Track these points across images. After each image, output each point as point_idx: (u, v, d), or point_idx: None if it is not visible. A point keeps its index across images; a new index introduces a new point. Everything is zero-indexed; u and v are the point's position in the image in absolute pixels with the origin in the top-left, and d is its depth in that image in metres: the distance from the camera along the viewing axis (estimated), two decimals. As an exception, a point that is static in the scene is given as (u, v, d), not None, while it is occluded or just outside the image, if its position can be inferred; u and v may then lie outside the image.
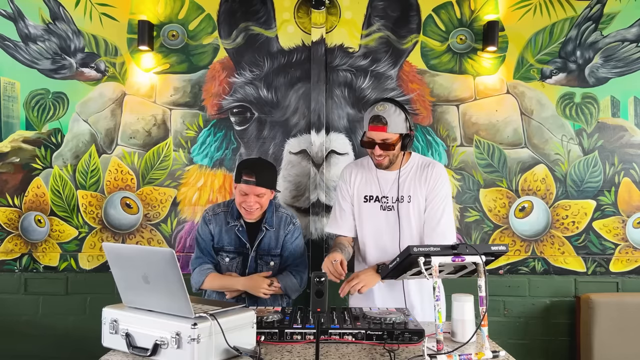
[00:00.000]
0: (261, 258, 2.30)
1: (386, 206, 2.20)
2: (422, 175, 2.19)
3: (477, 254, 1.57)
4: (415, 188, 2.18)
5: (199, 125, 3.00)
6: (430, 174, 2.18)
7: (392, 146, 2.08)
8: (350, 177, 2.27)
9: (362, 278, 2.02)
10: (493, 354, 1.53)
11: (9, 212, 3.02)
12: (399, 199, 2.18)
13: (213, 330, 1.49)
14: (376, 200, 2.22)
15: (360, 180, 2.26)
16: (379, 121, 2.04)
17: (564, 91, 3.00)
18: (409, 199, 2.18)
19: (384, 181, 2.21)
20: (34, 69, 3.01)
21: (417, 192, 2.18)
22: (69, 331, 2.98)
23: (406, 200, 2.18)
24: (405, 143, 2.11)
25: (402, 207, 2.18)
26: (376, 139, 2.07)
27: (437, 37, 3.00)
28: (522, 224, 3.01)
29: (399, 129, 2.07)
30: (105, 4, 2.99)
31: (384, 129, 2.04)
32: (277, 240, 2.31)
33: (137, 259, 1.57)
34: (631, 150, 3.00)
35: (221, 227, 2.31)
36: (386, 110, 2.05)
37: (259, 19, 2.99)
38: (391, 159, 2.13)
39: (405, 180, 2.19)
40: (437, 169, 2.20)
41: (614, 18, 2.98)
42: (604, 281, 2.99)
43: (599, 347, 2.80)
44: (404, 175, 2.19)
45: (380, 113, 2.05)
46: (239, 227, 2.29)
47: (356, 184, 2.26)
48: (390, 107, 2.06)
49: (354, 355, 1.62)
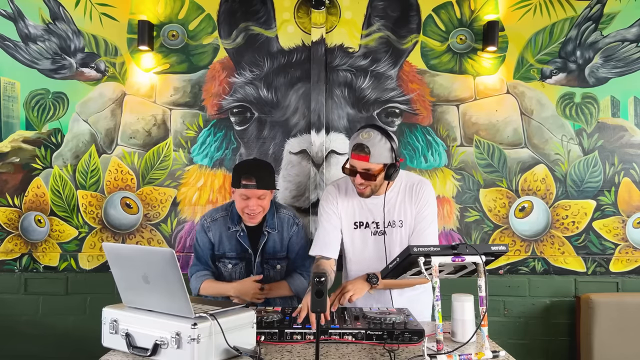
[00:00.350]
0: (267, 262, 2.28)
1: (376, 231, 2.14)
2: (411, 197, 2.13)
3: (477, 254, 1.57)
4: (406, 211, 2.13)
5: (199, 125, 3.00)
6: (419, 196, 2.12)
7: (373, 177, 1.99)
8: (337, 200, 2.17)
9: (351, 287, 1.96)
10: (493, 354, 1.53)
11: (9, 212, 3.02)
12: (390, 224, 2.13)
13: (213, 330, 1.49)
14: (366, 227, 2.15)
15: (347, 205, 2.16)
16: (362, 150, 1.96)
17: (564, 91, 3.00)
18: (400, 224, 2.13)
19: (372, 206, 2.13)
20: (34, 69, 3.01)
21: (407, 215, 2.13)
22: (69, 331, 2.98)
23: (397, 225, 2.13)
24: (390, 174, 2.01)
25: (394, 232, 2.13)
26: (358, 168, 1.99)
27: (437, 37, 3.00)
28: (522, 224, 3.01)
29: (382, 158, 1.98)
30: (105, 4, 2.99)
31: (366, 159, 1.96)
32: (282, 243, 2.29)
33: (137, 259, 1.57)
34: (631, 150, 3.00)
35: (221, 233, 2.27)
36: (371, 139, 1.96)
37: (259, 19, 2.99)
38: (373, 188, 2.05)
39: (394, 205, 2.13)
40: (425, 191, 2.14)
41: (614, 18, 2.98)
42: (604, 281, 2.99)
43: (599, 347, 2.80)
44: (392, 200, 2.13)
45: (364, 141, 1.96)
46: (240, 232, 2.25)
47: (343, 209, 2.17)
48: (375, 136, 1.97)
49: (354, 355, 1.62)
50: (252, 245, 2.26)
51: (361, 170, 1.99)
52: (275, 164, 2.90)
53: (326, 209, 2.18)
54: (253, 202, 2.14)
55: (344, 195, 2.18)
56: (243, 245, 2.25)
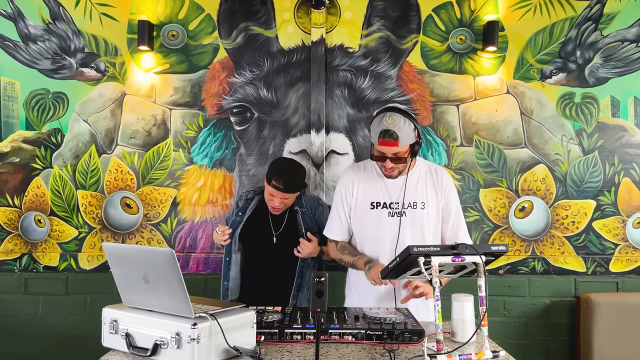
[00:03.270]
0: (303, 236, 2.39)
1: (395, 212, 2.14)
2: (434, 181, 2.16)
3: (477, 254, 1.57)
4: (429, 194, 2.14)
5: (199, 125, 3.00)
6: (442, 181, 2.16)
7: (403, 159, 2.03)
8: (353, 184, 2.19)
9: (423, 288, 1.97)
10: (493, 354, 1.53)
11: (9, 212, 3.02)
12: (411, 205, 2.13)
13: (213, 330, 1.49)
14: (384, 207, 2.15)
15: (365, 187, 2.18)
16: (390, 136, 1.97)
17: (564, 91, 3.00)
18: (422, 206, 2.13)
19: (392, 187, 2.14)
20: (34, 69, 3.01)
21: (431, 199, 2.14)
22: (69, 331, 2.98)
23: (419, 207, 2.13)
24: (415, 150, 2.06)
25: (416, 214, 2.13)
26: (387, 154, 2.01)
27: (437, 37, 3.00)
28: (522, 224, 3.01)
29: (409, 140, 2.01)
30: (105, 4, 2.99)
31: (395, 144, 1.97)
32: (312, 220, 2.46)
33: (137, 259, 1.57)
34: (631, 150, 3.00)
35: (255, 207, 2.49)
36: (396, 124, 1.97)
37: (259, 19, 2.99)
38: (401, 169, 2.09)
39: (416, 187, 2.14)
40: (446, 175, 2.19)
41: (614, 18, 2.98)
42: (604, 281, 2.99)
43: (599, 347, 2.80)
44: (414, 181, 2.15)
45: (390, 127, 1.97)
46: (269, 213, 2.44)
47: (360, 191, 2.18)
48: (399, 120, 1.98)
49: (354, 355, 1.62)
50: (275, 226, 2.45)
51: (391, 155, 2.02)
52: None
53: (341, 194, 2.22)
54: (277, 201, 2.33)
55: (362, 177, 2.21)
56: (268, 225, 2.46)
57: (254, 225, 2.45)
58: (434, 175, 2.17)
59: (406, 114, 2.04)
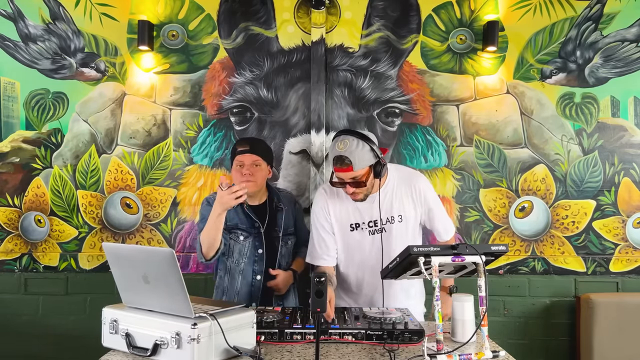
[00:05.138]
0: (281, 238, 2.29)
1: (375, 230, 2.11)
2: (408, 191, 2.12)
3: (477, 254, 1.57)
4: (406, 206, 2.11)
5: (199, 125, 3.00)
6: (416, 188, 2.12)
7: (363, 182, 1.98)
8: (328, 206, 2.13)
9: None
10: (493, 354, 1.53)
11: (9, 212, 3.02)
12: (389, 220, 2.10)
13: (213, 330, 1.49)
14: (363, 227, 2.12)
15: (341, 209, 2.13)
16: (342, 162, 1.93)
17: (564, 91, 3.00)
18: (399, 219, 2.11)
19: (367, 205, 2.09)
20: (34, 69, 3.01)
21: (408, 210, 2.11)
22: (69, 331, 2.98)
23: (397, 220, 2.11)
24: (378, 171, 1.99)
25: (394, 228, 2.11)
26: (345, 179, 1.98)
27: (437, 37, 3.00)
28: (522, 224, 3.01)
29: (365, 162, 1.96)
30: (105, 4, 2.99)
31: (350, 169, 1.93)
32: (290, 220, 2.36)
33: (137, 259, 1.57)
34: (631, 150, 3.00)
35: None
36: (347, 148, 1.93)
37: (259, 19, 2.99)
38: (366, 192, 2.03)
39: (391, 201, 2.11)
40: (420, 179, 2.16)
41: (614, 18, 2.98)
42: (604, 281, 2.99)
43: (599, 347, 2.80)
44: (388, 196, 2.11)
45: (342, 153, 1.93)
46: (245, 205, 2.25)
47: (336, 213, 2.13)
48: (351, 143, 1.94)
49: (354, 355, 1.62)
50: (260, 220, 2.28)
51: (349, 180, 1.98)
52: (275, 164, 2.90)
53: (319, 216, 2.15)
54: (247, 168, 2.19)
55: (335, 199, 2.14)
56: (249, 219, 2.27)
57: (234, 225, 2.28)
58: (408, 183, 2.13)
59: (360, 135, 1.98)
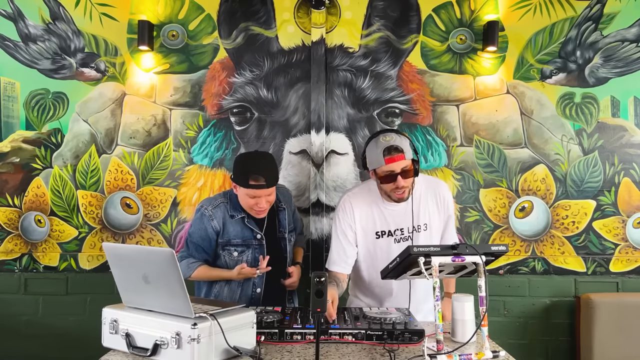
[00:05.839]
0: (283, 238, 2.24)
1: (401, 238, 2.08)
2: (435, 199, 2.10)
3: (477, 254, 1.57)
4: (432, 214, 2.09)
5: (199, 125, 3.00)
6: (443, 197, 2.11)
7: (411, 172, 1.95)
8: (354, 212, 2.08)
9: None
10: (493, 354, 1.53)
11: (9, 212, 3.02)
12: (416, 229, 2.07)
13: (213, 330, 1.49)
14: (389, 235, 2.08)
15: (367, 216, 2.08)
16: (395, 150, 1.91)
17: (564, 91, 3.00)
18: (425, 227, 2.08)
19: (394, 213, 2.07)
20: (34, 69, 3.01)
21: (433, 219, 2.10)
22: (69, 331, 2.98)
23: (422, 229, 2.08)
24: (416, 168, 1.99)
25: (420, 237, 2.07)
26: (396, 170, 1.93)
27: (437, 37, 3.00)
28: (522, 224, 3.01)
29: (411, 154, 1.96)
30: (105, 4, 2.99)
31: (402, 157, 1.91)
32: (290, 217, 2.29)
33: (137, 259, 1.57)
34: (631, 150, 3.00)
35: (225, 220, 2.15)
36: (394, 139, 1.93)
37: (259, 19, 2.99)
38: (409, 189, 2.00)
39: (418, 209, 2.07)
40: (446, 191, 2.14)
41: (614, 18, 2.98)
42: (604, 281, 2.99)
43: (599, 347, 2.80)
44: (416, 203, 2.06)
45: (391, 143, 1.92)
46: (245, 218, 2.15)
47: (362, 220, 2.08)
48: (395, 135, 1.96)
49: (354, 355, 1.62)
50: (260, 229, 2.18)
51: (400, 170, 1.94)
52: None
53: (342, 223, 2.09)
54: (263, 201, 2.06)
55: (362, 206, 2.10)
56: (249, 231, 2.16)
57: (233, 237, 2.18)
58: (434, 191, 2.11)
59: (397, 131, 2.03)
